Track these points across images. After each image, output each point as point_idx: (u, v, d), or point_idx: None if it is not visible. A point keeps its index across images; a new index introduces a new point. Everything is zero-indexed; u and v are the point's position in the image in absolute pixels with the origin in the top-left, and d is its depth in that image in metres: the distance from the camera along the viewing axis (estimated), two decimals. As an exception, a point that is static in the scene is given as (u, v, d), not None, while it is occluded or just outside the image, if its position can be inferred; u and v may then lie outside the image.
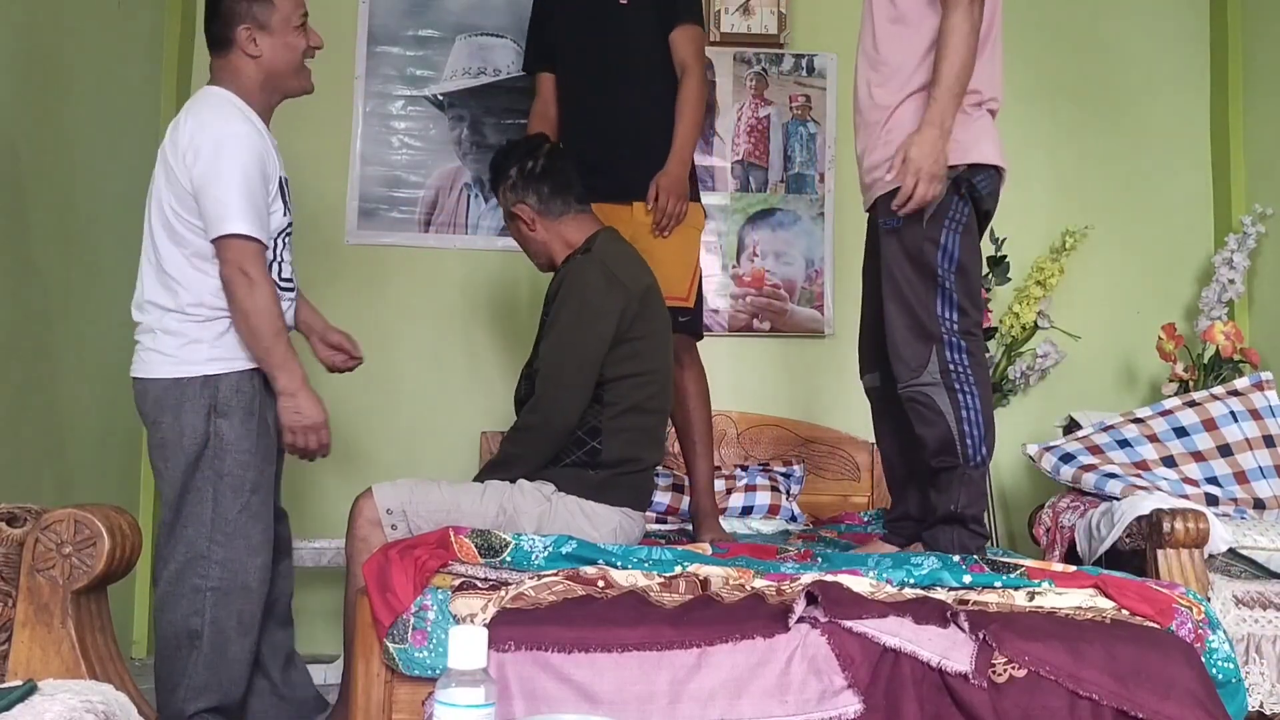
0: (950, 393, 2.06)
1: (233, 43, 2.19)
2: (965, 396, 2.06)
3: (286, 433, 2.18)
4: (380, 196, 3.50)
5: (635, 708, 1.54)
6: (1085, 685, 1.57)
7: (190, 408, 2.13)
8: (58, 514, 1.37)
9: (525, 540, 1.82)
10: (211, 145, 2.11)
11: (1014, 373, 3.46)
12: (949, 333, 2.07)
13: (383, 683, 1.68)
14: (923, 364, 2.07)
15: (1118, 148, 3.64)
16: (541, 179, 2.40)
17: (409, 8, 3.55)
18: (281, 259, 2.24)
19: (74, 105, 2.79)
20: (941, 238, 2.09)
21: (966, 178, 2.11)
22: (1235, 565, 2.34)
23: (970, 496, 2.10)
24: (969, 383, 2.07)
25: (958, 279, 2.10)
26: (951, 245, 2.09)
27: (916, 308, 2.09)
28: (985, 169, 2.15)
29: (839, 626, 1.60)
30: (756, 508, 3.05)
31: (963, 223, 2.11)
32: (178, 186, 2.14)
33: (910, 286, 2.10)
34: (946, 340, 2.07)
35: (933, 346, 2.07)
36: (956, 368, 2.07)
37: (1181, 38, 3.69)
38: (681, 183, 2.69)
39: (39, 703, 1.16)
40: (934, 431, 2.08)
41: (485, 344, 3.51)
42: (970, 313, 2.12)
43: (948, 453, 2.08)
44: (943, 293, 2.08)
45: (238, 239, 2.09)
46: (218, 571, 2.10)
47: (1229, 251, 3.34)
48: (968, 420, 2.06)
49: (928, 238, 2.08)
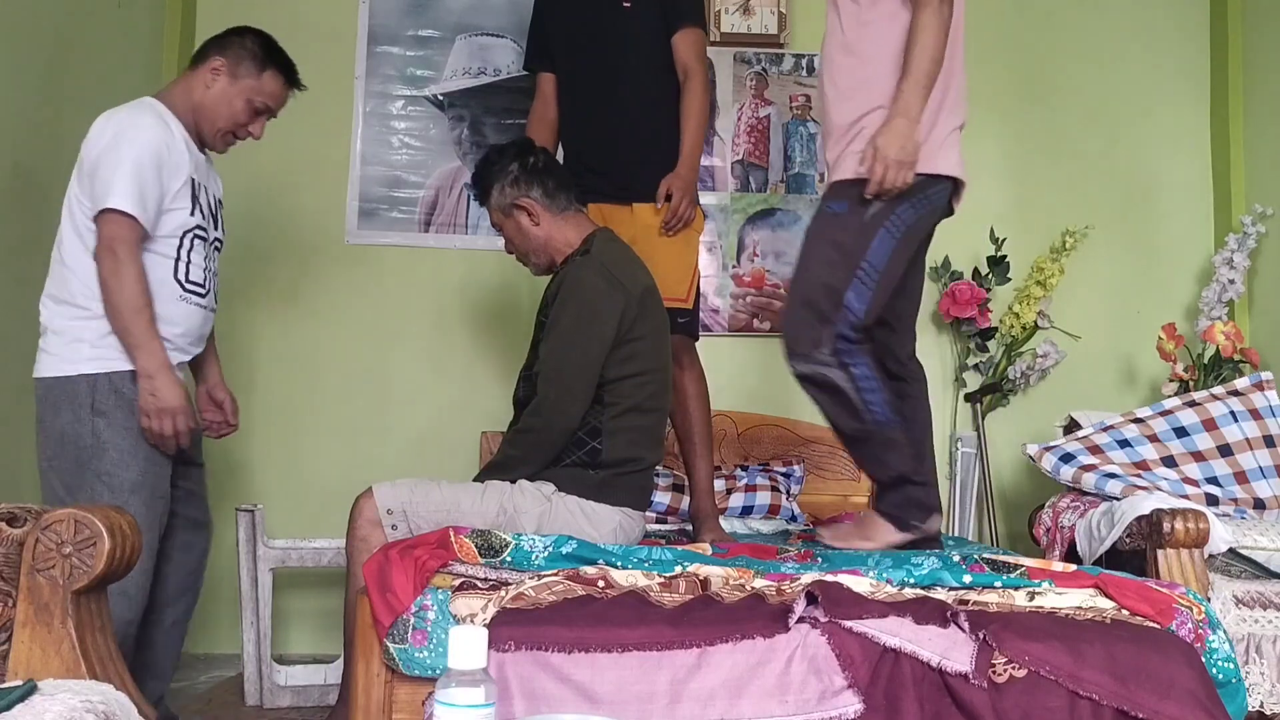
0: (844, 367, 2.10)
1: (203, 64, 2.29)
2: (858, 368, 2.10)
3: (142, 416, 2.14)
4: (380, 196, 3.51)
5: (635, 708, 1.54)
6: (1085, 685, 1.57)
7: (69, 406, 2.13)
8: (58, 514, 1.37)
9: (525, 540, 1.82)
10: (113, 131, 2.14)
11: (1014, 373, 3.46)
12: (846, 321, 2.09)
13: (383, 683, 1.68)
14: (816, 344, 2.10)
15: (1118, 148, 3.64)
16: (545, 174, 2.40)
17: (409, 8, 3.55)
18: (189, 261, 2.24)
19: (74, 105, 2.79)
20: (878, 237, 2.10)
21: (922, 187, 2.11)
22: (1235, 565, 2.34)
23: (901, 454, 2.15)
24: (857, 357, 2.11)
25: (879, 280, 2.11)
26: (885, 249, 2.10)
27: (827, 290, 2.10)
28: (941, 181, 2.15)
29: (839, 626, 1.60)
30: (756, 508, 3.05)
31: (902, 230, 2.11)
32: (81, 171, 2.15)
33: (830, 270, 2.11)
34: (840, 331, 2.10)
35: (826, 329, 2.10)
36: (848, 346, 2.11)
37: (1181, 38, 3.69)
38: (693, 185, 2.70)
39: (39, 703, 1.16)
40: (838, 406, 2.13)
41: (485, 344, 3.51)
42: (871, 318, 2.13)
43: (858, 422, 2.12)
44: (856, 286, 2.10)
45: (114, 214, 2.08)
46: None
47: (1229, 251, 3.34)
48: (866, 389, 2.10)
49: (865, 234, 2.10)
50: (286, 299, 3.48)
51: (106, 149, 2.12)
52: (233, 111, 2.28)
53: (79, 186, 2.16)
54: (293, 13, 3.50)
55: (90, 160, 2.13)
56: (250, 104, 2.30)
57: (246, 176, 3.44)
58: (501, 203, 2.42)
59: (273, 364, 3.46)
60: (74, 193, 2.18)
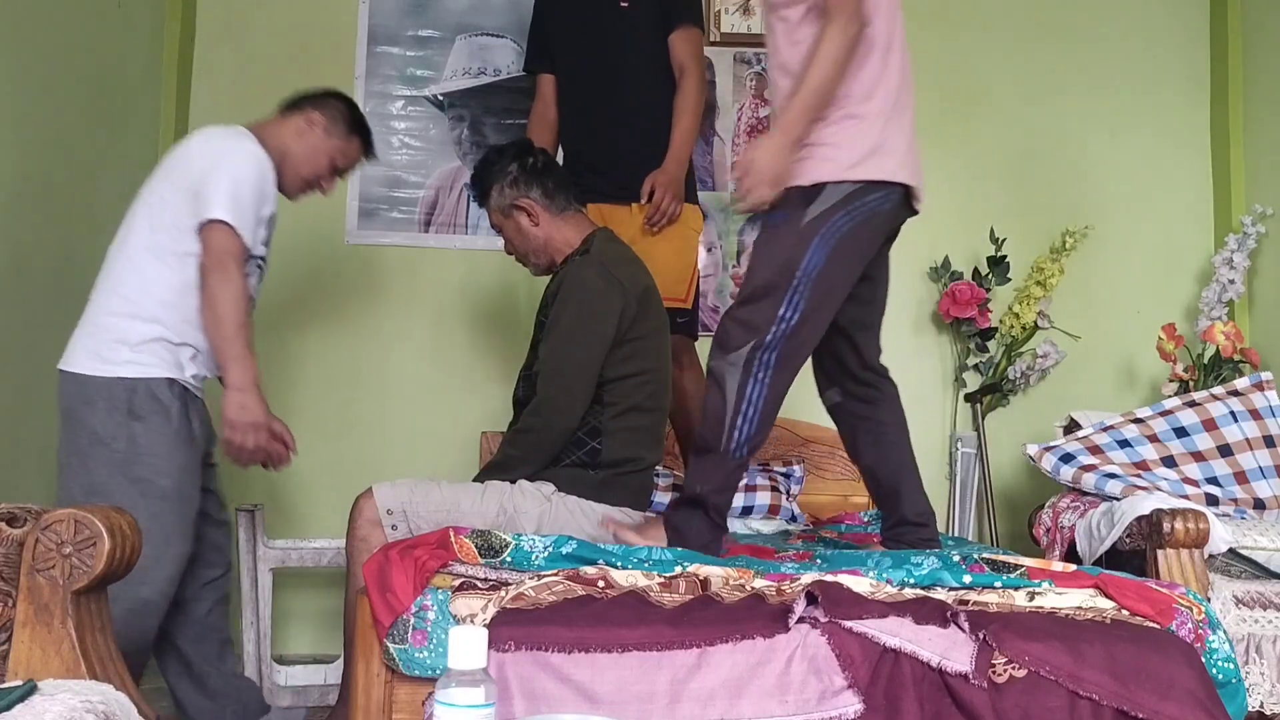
0: (742, 384, 2.05)
1: (296, 114, 2.40)
2: (754, 393, 2.05)
3: (227, 427, 2.18)
4: (380, 196, 3.51)
5: (635, 708, 1.54)
6: (1085, 685, 1.57)
7: (105, 407, 2.12)
8: (58, 514, 1.37)
9: (525, 540, 1.82)
10: (221, 148, 2.22)
11: (1014, 373, 3.46)
12: (774, 334, 2.04)
13: (383, 683, 1.68)
14: (737, 348, 2.05)
15: (1118, 148, 3.64)
16: (544, 174, 2.41)
17: (409, 8, 3.55)
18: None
19: (74, 105, 2.79)
20: (812, 247, 2.03)
21: (859, 195, 2.05)
22: (1235, 565, 2.34)
23: (718, 484, 2.10)
24: (765, 384, 2.05)
25: (811, 289, 2.04)
26: (820, 255, 2.04)
27: (760, 299, 2.05)
28: (881, 187, 2.07)
29: (839, 626, 1.60)
30: (756, 508, 3.05)
31: (837, 238, 2.04)
32: (178, 180, 2.18)
33: (764, 277, 2.06)
34: (767, 340, 2.04)
35: (753, 339, 2.04)
36: (761, 366, 2.05)
37: (1181, 38, 3.69)
38: (678, 182, 2.69)
39: (39, 703, 1.16)
40: (713, 408, 2.08)
41: (485, 344, 3.51)
42: (807, 331, 2.07)
43: (715, 434, 2.08)
44: (790, 297, 2.04)
45: (222, 226, 2.14)
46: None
47: (1229, 251, 3.34)
48: (744, 414, 2.06)
49: (801, 243, 2.04)
50: (286, 299, 3.48)
51: (214, 164, 2.18)
52: (317, 165, 2.40)
53: (172, 194, 2.19)
54: (293, 13, 3.51)
55: (195, 172, 2.18)
56: (333, 162, 2.43)
57: (246, 176, 3.45)
58: (501, 203, 2.42)
59: (272, 364, 3.45)
60: (161, 193, 2.21)
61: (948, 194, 3.62)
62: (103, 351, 2.14)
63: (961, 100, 3.65)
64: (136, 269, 2.19)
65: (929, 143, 3.58)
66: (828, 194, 2.03)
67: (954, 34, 3.66)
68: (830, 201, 2.03)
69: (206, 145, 2.25)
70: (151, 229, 2.19)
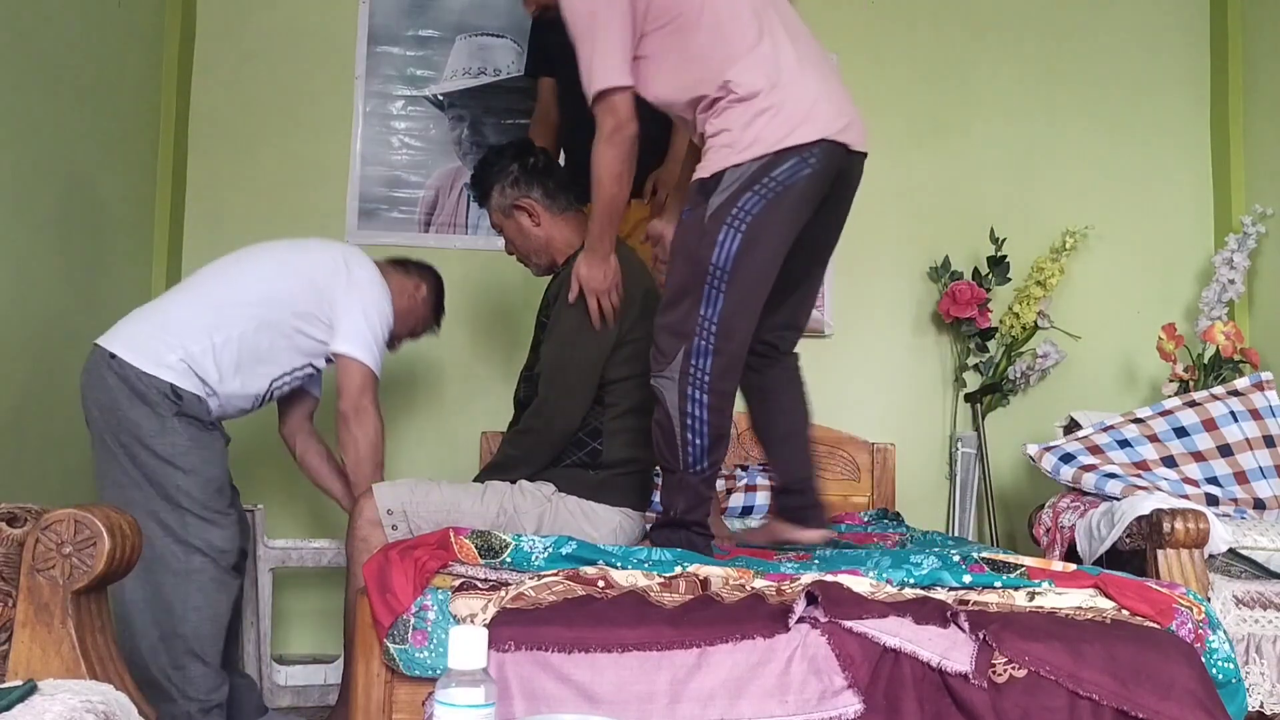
0: (682, 396, 2.00)
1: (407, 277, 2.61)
2: (695, 405, 2.00)
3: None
4: (380, 196, 3.50)
5: (635, 708, 1.54)
6: (1085, 685, 1.57)
7: (155, 401, 2.23)
8: (58, 514, 1.37)
9: (525, 541, 1.82)
10: (370, 282, 2.43)
11: (1014, 373, 3.46)
12: (702, 336, 1.99)
13: (383, 683, 1.68)
14: (670, 358, 2.01)
15: (1118, 148, 3.65)
16: (545, 174, 2.40)
17: (409, 8, 3.55)
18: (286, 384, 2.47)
19: (74, 105, 2.79)
20: (719, 237, 1.97)
21: (764, 172, 1.97)
22: (1235, 565, 2.34)
23: (689, 502, 2.06)
24: (703, 390, 2.00)
25: (729, 281, 1.98)
26: (730, 246, 1.97)
27: (680, 301, 2.02)
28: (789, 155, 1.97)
29: (839, 626, 1.60)
30: (757, 508, 3.05)
31: (748, 222, 1.96)
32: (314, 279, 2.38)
33: (680, 278, 2.03)
34: (696, 344, 1.99)
35: (682, 345, 1.99)
36: (697, 372, 2.00)
37: (1181, 38, 3.69)
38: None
39: (39, 703, 1.16)
40: (662, 429, 2.05)
41: (485, 344, 3.51)
42: (736, 322, 2.01)
43: (670, 454, 2.04)
44: (708, 293, 1.99)
45: (365, 368, 2.37)
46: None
47: (1229, 251, 3.34)
48: (692, 429, 2.01)
49: (706, 235, 1.98)
50: (286, 299, 3.48)
51: (361, 293, 2.39)
52: (405, 327, 2.61)
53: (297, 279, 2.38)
54: (293, 12, 3.51)
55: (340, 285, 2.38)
56: (414, 329, 2.67)
57: (247, 176, 3.45)
58: (502, 203, 2.42)
59: (273, 364, 3.46)
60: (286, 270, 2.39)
61: (948, 194, 3.62)
62: (156, 350, 2.25)
63: (961, 100, 3.65)
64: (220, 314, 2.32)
65: (929, 143, 3.63)
66: (727, 180, 1.98)
67: (954, 34, 3.66)
68: (731, 188, 1.97)
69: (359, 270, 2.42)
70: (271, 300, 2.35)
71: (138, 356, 2.24)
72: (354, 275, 2.41)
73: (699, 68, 2.04)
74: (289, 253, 2.45)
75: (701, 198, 2.00)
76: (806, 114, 1.99)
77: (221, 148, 3.45)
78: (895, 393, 3.57)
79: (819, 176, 2.00)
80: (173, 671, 2.20)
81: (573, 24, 2.08)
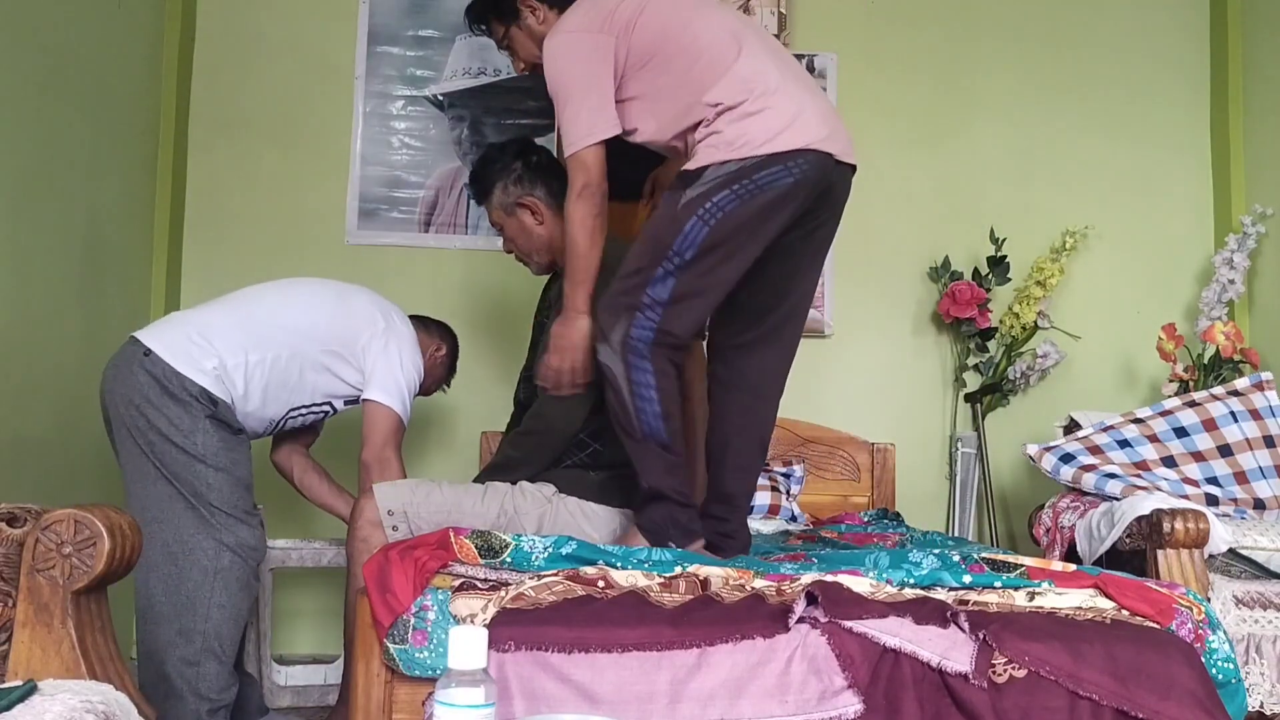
0: (626, 365, 1.98)
1: (429, 337, 2.72)
2: (639, 372, 1.98)
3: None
4: (380, 196, 3.50)
5: (635, 708, 1.54)
6: (1085, 685, 1.57)
7: (187, 402, 2.23)
8: (58, 514, 1.37)
9: (525, 541, 1.82)
10: (407, 339, 2.49)
11: (1014, 373, 3.46)
12: (645, 313, 1.98)
13: (383, 683, 1.68)
14: (610, 330, 2.00)
15: (1118, 148, 3.64)
16: (548, 172, 2.39)
17: (409, 8, 3.55)
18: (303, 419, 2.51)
19: (74, 105, 2.79)
20: (686, 225, 1.97)
21: (748, 173, 1.97)
22: (1235, 565, 2.34)
23: (660, 470, 2.03)
24: (645, 357, 1.98)
25: (685, 270, 1.97)
26: (695, 236, 1.96)
27: (632, 277, 2.01)
28: (775, 161, 1.97)
29: (839, 626, 1.60)
30: (757, 508, 3.05)
31: (718, 217, 1.96)
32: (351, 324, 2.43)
33: (635, 255, 2.02)
34: (638, 320, 1.98)
35: (625, 318, 1.98)
36: (639, 343, 1.98)
37: (1181, 38, 3.69)
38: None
39: (39, 703, 1.16)
40: (615, 397, 2.03)
41: (485, 344, 3.51)
42: (681, 311, 1.99)
43: (627, 422, 2.03)
44: (660, 274, 1.97)
45: (394, 416, 2.41)
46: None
47: (1229, 251, 3.34)
48: (641, 395, 1.99)
49: (674, 221, 1.99)
50: (286, 299, 3.48)
51: (401, 352, 2.45)
52: (424, 385, 2.65)
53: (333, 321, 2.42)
54: (293, 12, 3.51)
55: (375, 338, 2.43)
56: (429, 386, 2.76)
57: (247, 176, 3.45)
58: (504, 201, 2.41)
59: (273, 364, 3.46)
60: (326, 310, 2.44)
61: (948, 194, 3.62)
62: (194, 354, 2.27)
63: (961, 100, 3.65)
64: (271, 348, 2.34)
65: (929, 143, 3.63)
66: (709, 175, 1.98)
67: (954, 34, 3.66)
68: (711, 183, 1.97)
69: (401, 325, 2.49)
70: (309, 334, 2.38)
71: (175, 357, 2.25)
72: (394, 327, 2.46)
73: (686, 94, 2.06)
74: (336, 291, 2.50)
75: (680, 186, 2.01)
76: (791, 120, 2.00)
77: (221, 148, 3.45)
78: (895, 393, 3.57)
79: (802, 186, 2.00)
80: (187, 668, 2.20)
81: (551, 87, 2.12)
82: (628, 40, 2.08)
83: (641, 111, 2.12)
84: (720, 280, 2.02)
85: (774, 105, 2.01)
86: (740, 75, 2.03)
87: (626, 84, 2.12)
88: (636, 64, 2.10)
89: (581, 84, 2.09)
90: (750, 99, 2.01)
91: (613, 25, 2.09)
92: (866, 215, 3.59)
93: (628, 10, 2.10)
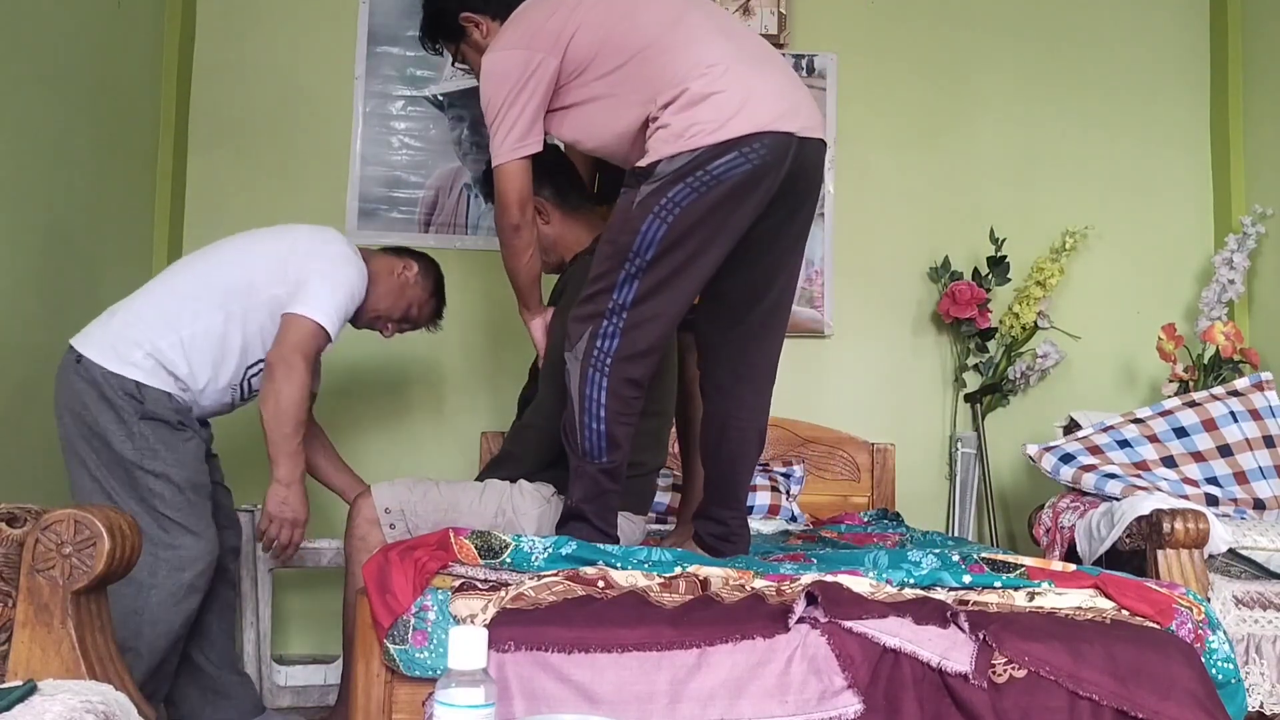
0: (582, 378, 1.94)
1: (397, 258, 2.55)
2: (593, 388, 1.93)
3: (265, 518, 2.30)
4: (380, 196, 3.50)
5: (635, 708, 1.54)
6: (1085, 685, 1.57)
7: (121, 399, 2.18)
8: (58, 514, 1.37)
9: (525, 541, 1.82)
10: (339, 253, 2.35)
11: (1014, 373, 3.46)
12: (610, 319, 1.93)
13: (383, 683, 1.68)
14: (576, 339, 1.96)
15: (1118, 148, 3.64)
16: (556, 171, 2.38)
17: (409, 8, 3.54)
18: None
19: (73, 105, 2.79)
20: (643, 225, 1.91)
21: (701, 164, 1.89)
22: (1235, 565, 2.34)
23: (585, 492, 1.99)
24: (604, 373, 1.93)
25: (647, 271, 1.92)
26: (653, 234, 1.91)
27: (598, 279, 1.97)
28: (729, 149, 1.89)
29: (839, 627, 1.60)
30: (756, 508, 3.05)
31: (676, 212, 1.89)
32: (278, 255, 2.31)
33: (597, 262, 1.99)
34: (604, 325, 1.93)
35: (589, 326, 1.95)
36: (599, 354, 1.94)
37: (1181, 38, 3.69)
38: None
39: (39, 703, 1.16)
40: (566, 411, 2.00)
41: (485, 344, 3.51)
42: (648, 311, 1.94)
43: (570, 437, 1.99)
44: (622, 279, 1.93)
45: (313, 325, 2.25)
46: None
47: (1229, 251, 3.34)
48: (589, 412, 1.94)
49: (630, 221, 1.93)
50: (286, 299, 3.48)
51: (328, 267, 2.31)
52: (393, 305, 2.52)
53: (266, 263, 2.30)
54: (293, 12, 3.51)
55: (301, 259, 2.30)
56: (407, 309, 2.56)
57: (247, 176, 3.45)
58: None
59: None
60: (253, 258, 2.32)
61: (948, 194, 3.62)
62: (119, 348, 2.20)
63: (961, 100, 3.65)
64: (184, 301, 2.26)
65: (929, 143, 3.62)
66: (660, 170, 1.91)
67: (954, 34, 3.66)
68: (663, 178, 1.90)
69: (326, 243, 2.36)
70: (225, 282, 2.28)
71: (105, 357, 2.19)
72: (325, 249, 2.34)
73: (631, 93, 2.01)
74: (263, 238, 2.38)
75: (634, 183, 1.95)
76: (741, 104, 1.91)
77: (221, 148, 3.45)
78: (895, 393, 3.57)
79: (762, 172, 1.91)
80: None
81: (483, 103, 2.12)
82: (560, 51, 2.04)
83: (590, 117, 2.08)
84: (688, 279, 1.96)
85: (722, 88, 1.92)
86: (685, 63, 1.96)
87: (567, 92, 2.08)
88: (574, 70, 2.06)
89: (505, 104, 2.06)
90: (694, 85, 1.93)
91: (541, 40, 2.05)
92: (866, 215, 3.59)
93: (556, 23, 2.05)
